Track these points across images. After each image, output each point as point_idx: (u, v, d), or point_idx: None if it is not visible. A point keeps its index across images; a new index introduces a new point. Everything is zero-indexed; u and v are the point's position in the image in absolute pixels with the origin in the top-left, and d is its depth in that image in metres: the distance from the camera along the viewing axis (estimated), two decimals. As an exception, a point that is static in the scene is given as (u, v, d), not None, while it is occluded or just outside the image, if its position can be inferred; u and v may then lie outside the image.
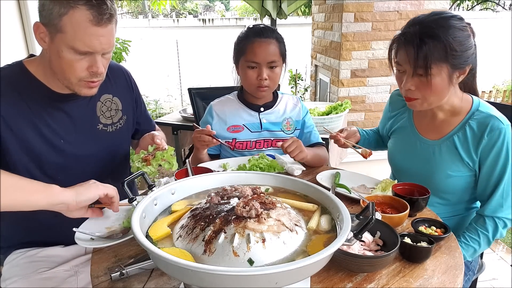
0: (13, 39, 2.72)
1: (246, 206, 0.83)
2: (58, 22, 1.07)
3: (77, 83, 1.16)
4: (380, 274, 0.96)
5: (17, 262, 1.31)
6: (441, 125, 1.41)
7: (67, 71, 1.13)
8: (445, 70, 1.24)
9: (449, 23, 1.23)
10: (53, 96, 1.22)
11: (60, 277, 1.28)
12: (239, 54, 1.63)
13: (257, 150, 1.72)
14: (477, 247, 1.31)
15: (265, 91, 1.65)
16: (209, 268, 0.65)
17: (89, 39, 1.09)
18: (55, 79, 1.20)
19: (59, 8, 1.06)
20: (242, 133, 1.70)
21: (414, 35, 1.24)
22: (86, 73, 1.14)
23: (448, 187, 1.39)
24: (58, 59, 1.12)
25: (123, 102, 1.44)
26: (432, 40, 1.21)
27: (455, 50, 1.21)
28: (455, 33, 1.22)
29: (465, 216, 1.46)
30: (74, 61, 1.11)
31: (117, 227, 1.11)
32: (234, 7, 19.69)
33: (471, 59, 1.27)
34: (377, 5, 3.15)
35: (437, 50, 1.21)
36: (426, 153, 1.43)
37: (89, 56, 1.12)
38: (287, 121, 1.75)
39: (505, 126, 1.28)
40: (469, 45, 1.25)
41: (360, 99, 3.41)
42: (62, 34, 1.08)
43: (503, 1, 9.86)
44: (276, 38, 1.60)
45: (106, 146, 1.37)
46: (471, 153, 1.33)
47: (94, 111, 1.34)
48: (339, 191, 1.35)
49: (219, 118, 1.72)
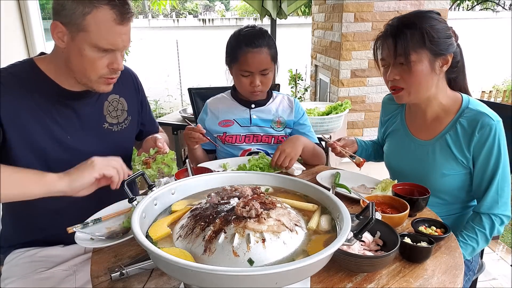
0: (13, 39, 2.72)
1: (246, 206, 0.83)
2: (82, 21, 1.10)
3: (96, 80, 1.20)
4: (380, 274, 0.96)
5: (16, 261, 1.31)
6: (432, 125, 1.42)
7: (89, 69, 1.16)
8: (425, 56, 1.29)
9: (426, 14, 1.32)
10: (62, 93, 1.24)
11: (58, 277, 1.28)
12: (232, 60, 1.66)
13: (246, 144, 1.76)
14: (476, 245, 1.32)
15: (258, 95, 1.71)
16: (209, 268, 0.65)
17: (113, 37, 1.13)
18: (68, 76, 1.22)
19: (83, 7, 1.09)
20: (232, 127, 1.76)
21: (392, 27, 1.32)
22: (106, 70, 1.18)
23: (444, 186, 1.40)
24: (79, 57, 1.14)
25: (129, 103, 1.46)
26: (409, 29, 1.28)
27: (432, 36, 1.28)
28: (431, 22, 1.30)
29: (462, 215, 1.47)
30: (96, 58, 1.15)
31: (117, 227, 1.11)
32: (234, 7, 19.69)
33: (452, 48, 1.32)
34: (377, 5, 3.15)
35: (414, 37, 1.28)
36: (420, 153, 1.44)
37: (109, 54, 1.16)
38: (278, 119, 1.78)
39: (495, 122, 1.29)
40: (447, 33, 1.31)
41: (360, 99, 3.41)
42: (85, 33, 1.11)
43: (503, 1, 9.87)
44: (267, 45, 1.61)
45: (110, 145, 1.38)
46: (463, 151, 1.34)
47: (101, 110, 1.37)
48: (339, 191, 1.35)
49: (212, 114, 1.80)
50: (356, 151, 1.67)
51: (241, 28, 1.68)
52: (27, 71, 1.21)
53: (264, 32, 1.65)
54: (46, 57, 1.26)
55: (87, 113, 1.31)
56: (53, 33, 1.14)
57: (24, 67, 1.22)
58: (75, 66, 1.17)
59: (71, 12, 1.10)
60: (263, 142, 1.77)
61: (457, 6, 9.66)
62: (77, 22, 1.10)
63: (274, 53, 1.65)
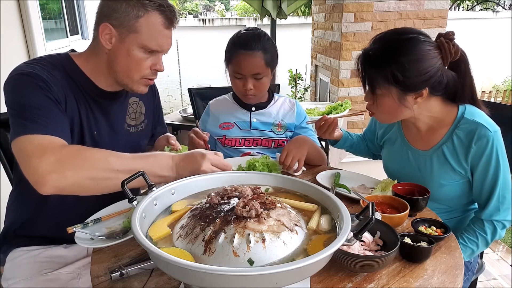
0: (13, 39, 2.72)
1: (246, 206, 0.83)
2: (134, 23, 1.17)
3: (138, 81, 1.26)
4: (380, 274, 0.96)
5: (19, 261, 1.31)
6: (428, 136, 1.40)
7: (134, 69, 1.23)
8: (393, 92, 1.26)
9: (404, 46, 1.22)
10: (96, 90, 1.28)
11: (63, 279, 1.28)
12: (227, 61, 1.67)
13: (246, 147, 1.76)
14: (475, 248, 1.31)
15: (251, 99, 1.71)
16: (209, 268, 0.65)
17: (161, 39, 1.21)
18: (106, 76, 1.27)
19: (137, 11, 1.16)
20: (231, 130, 1.77)
21: (365, 56, 1.29)
22: (149, 71, 1.25)
23: (443, 195, 1.38)
24: (126, 58, 1.20)
25: (147, 107, 1.51)
26: (379, 65, 1.25)
27: (404, 75, 1.22)
28: (406, 58, 1.21)
29: (463, 218, 1.46)
30: (142, 59, 1.22)
31: (117, 227, 1.11)
32: (234, 7, 19.70)
33: (428, 83, 1.24)
34: (377, 5, 3.15)
35: (380, 76, 1.25)
36: (418, 163, 1.42)
37: (154, 56, 1.24)
38: (279, 123, 1.77)
39: (492, 133, 1.25)
40: (426, 68, 1.22)
41: (360, 99, 3.41)
42: (136, 34, 1.18)
43: (503, 1, 9.87)
44: (262, 49, 1.59)
45: (127, 145, 1.40)
46: (461, 162, 1.32)
47: (125, 111, 1.41)
48: (339, 191, 1.35)
49: (214, 115, 1.81)
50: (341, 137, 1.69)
51: (242, 29, 1.68)
52: (65, 63, 1.24)
53: (262, 35, 1.62)
54: (82, 54, 1.29)
55: (113, 113, 1.36)
56: (101, 35, 1.19)
57: (62, 59, 1.25)
58: (120, 66, 1.22)
59: (124, 15, 1.16)
60: (263, 146, 1.76)
61: (457, 6, 9.66)
62: (129, 24, 1.17)
63: (270, 58, 1.61)
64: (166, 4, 1.20)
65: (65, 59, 1.25)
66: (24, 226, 1.34)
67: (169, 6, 1.21)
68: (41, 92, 1.11)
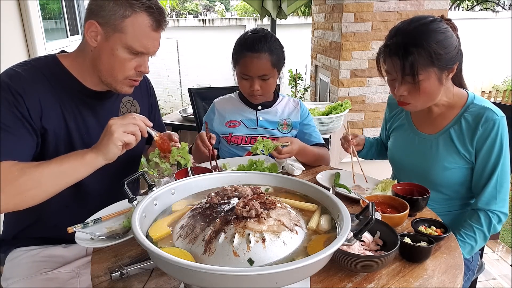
0: (13, 39, 2.72)
1: (246, 206, 0.83)
2: (120, 23, 1.15)
3: (121, 81, 1.23)
4: (380, 274, 0.96)
5: (18, 261, 1.31)
6: (437, 119, 1.44)
7: (117, 69, 1.20)
8: (433, 74, 1.28)
9: (430, 27, 1.26)
10: (84, 91, 1.27)
11: (62, 278, 1.28)
12: (234, 63, 1.69)
13: (251, 145, 1.73)
14: (474, 243, 1.32)
15: (258, 99, 1.73)
16: (209, 268, 0.65)
17: (146, 41, 1.19)
18: (92, 75, 1.25)
19: (124, 10, 1.14)
20: (238, 128, 1.77)
21: (398, 46, 1.27)
22: (133, 72, 1.23)
23: (445, 180, 1.41)
24: (110, 57, 1.19)
25: (141, 106, 1.50)
26: (416, 48, 1.24)
27: (439, 54, 1.25)
28: (437, 37, 1.25)
29: (461, 213, 1.47)
30: (126, 60, 1.19)
31: (117, 227, 1.11)
32: (234, 7, 19.70)
33: (457, 57, 1.31)
34: (377, 5, 3.15)
35: (422, 58, 1.25)
36: (423, 147, 1.46)
37: (139, 57, 1.21)
38: (284, 121, 1.78)
39: (499, 117, 1.31)
40: (453, 44, 1.28)
41: (360, 99, 3.41)
42: (121, 34, 1.16)
43: (503, 1, 9.88)
44: (269, 50, 1.59)
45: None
46: (466, 145, 1.35)
47: (117, 111, 1.40)
48: (339, 191, 1.35)
49: (219, 114, 1.81)
50: (360, 151, 1.69)
51: (249, 30, 1.69)
52: (51, 66, 1.23)
53: (268, 36, 1.63)
54: (70, 54, 1.28)
55: (104, 113, 1.34)
56: (86, 32, 1.17)
57: (48, 62, 1.24)
58: (103, 65, 1.21)
59: (110, 13, 1.14)
60: None
61: (457, 6, 9.66)
62: (115, 23, 1.15)
63: (276, 59, 1.63)
64: (155, 5, 1.18)
65: (52, 61, 1.24)
66: (24, 230, 1.34)
67: (158, 8, 1.18)
68: (8, 108, 1.10)
